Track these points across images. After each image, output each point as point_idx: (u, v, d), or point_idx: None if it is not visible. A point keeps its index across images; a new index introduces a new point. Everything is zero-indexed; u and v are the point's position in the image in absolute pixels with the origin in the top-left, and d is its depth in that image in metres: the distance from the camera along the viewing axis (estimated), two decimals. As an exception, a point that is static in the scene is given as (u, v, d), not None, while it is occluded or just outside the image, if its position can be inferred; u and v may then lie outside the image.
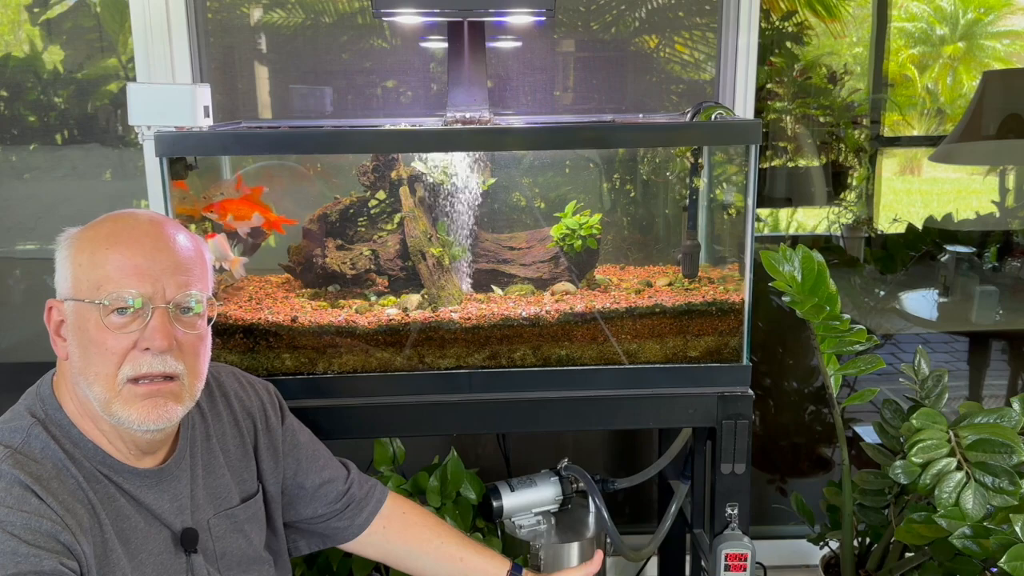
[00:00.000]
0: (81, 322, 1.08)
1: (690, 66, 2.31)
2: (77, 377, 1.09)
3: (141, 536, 1.12)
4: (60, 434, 1.09)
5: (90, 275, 1.08)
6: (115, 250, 1.08)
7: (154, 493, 1.14)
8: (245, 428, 1.31)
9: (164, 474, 1.16)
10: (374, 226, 1.73)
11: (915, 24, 2.75)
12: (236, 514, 1.26)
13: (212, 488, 1.24)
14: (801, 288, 1.65)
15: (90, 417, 1.11)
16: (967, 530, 1.49)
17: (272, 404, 1.37)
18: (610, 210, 1.92)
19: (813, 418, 2.62)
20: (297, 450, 1.38)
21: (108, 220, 1.13)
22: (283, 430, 1.37)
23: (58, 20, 2.22)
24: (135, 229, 1.11)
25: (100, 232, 1.11)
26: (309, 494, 1.38)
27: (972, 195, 2.76)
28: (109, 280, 1.07)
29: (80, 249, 1.10)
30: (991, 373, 2.73)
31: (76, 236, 1.11)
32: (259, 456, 1.33)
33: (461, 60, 1.69)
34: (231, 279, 1.63)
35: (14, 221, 2.27)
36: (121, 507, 1.10)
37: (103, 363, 1.07)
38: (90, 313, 1.07)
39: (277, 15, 2.17)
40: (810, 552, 2.19)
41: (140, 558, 1.11)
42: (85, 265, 1.08)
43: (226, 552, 1.24)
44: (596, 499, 1.76)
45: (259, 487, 1.32)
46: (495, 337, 1.59)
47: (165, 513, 1.15)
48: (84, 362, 1.08)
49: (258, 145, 1.58)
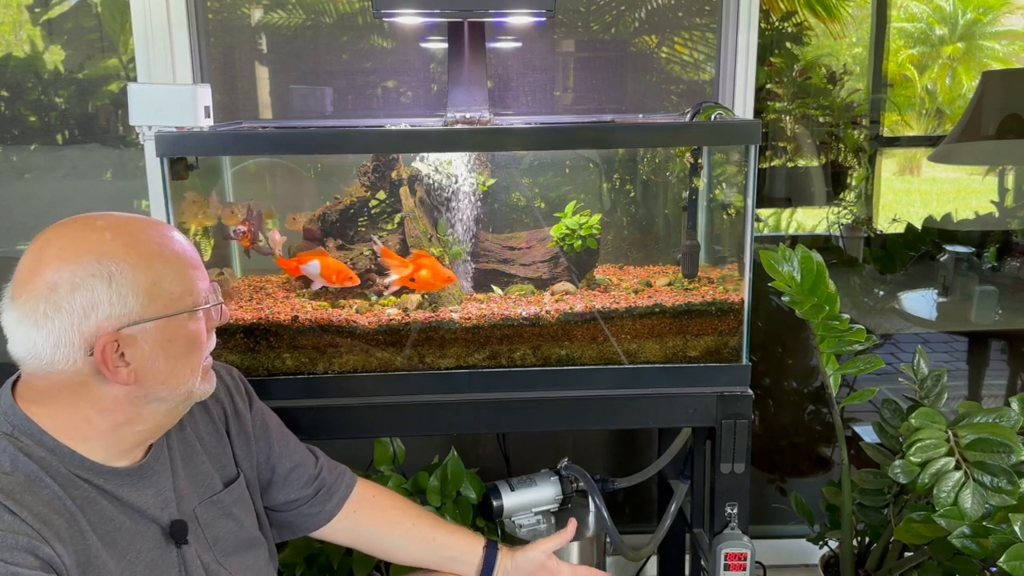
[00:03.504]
0: (170, 335, 1.09)
1: (690, 66, 2.31)
2: (157, 388, 1.10)
3: (128, 536, 1.11)
4: (32, 443, 1.06)
5: (174, 288, 1.09)
6: (174, 259, 1.11)
7: (137, 490, 1.13)
8: (216, 414, 1.31)
9: (145, 470, 1.15)
10: (374, 226, 1.73)
11: (914, 24, 2.75)
12: (222, 499, 1.26)
13: (194, 477, 1.23)
14: (800, 288, 1.65)
15: (82, 427, 1.08)
16: (966, 529, 1.50)
17: (237, 389, 1.37)
18: (610, 210, 1.92)
19: (812, 418, 2.62)
20: (268, 434, 1.38)
21: (138, 234, 1.10)
22: (252, 414, 1.36)
23: (59, 20, 2.22)
24: (166, 236, 1.13)
25: (149, 248, 1.09)
26: (281, 478, 1.38)
27: (971, 195, 2.77)
28: (192, 283, 1.12)
29: (141, 269, 1.06)
30: (990, 373, 2.73)
31: (121, 264, 1.05)
32: (232, 441, 1.32)
33: (461, 60, 1.70)
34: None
35: (14, 221, 2.28)
36: (103, 509, 1.09)
37: (199, 357, 1.15)
38: (182, 321, 1.11)
39: (277, 15, 2.17)
40: (810, 552, 2.19)
41: (129, 557, 1.10)
42: (162, 282, 1.08)
43: (219, 538, 1.23)
44: (596, 499, 1.76)
45: (239, 471, 1.32)
46: (495, 337, 1.59)
47: (150, 508, 1.14)
48: (174, 368, 1.11)
49: (258, 145, 1.59)
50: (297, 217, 1.70)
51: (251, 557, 1.29)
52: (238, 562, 1.26)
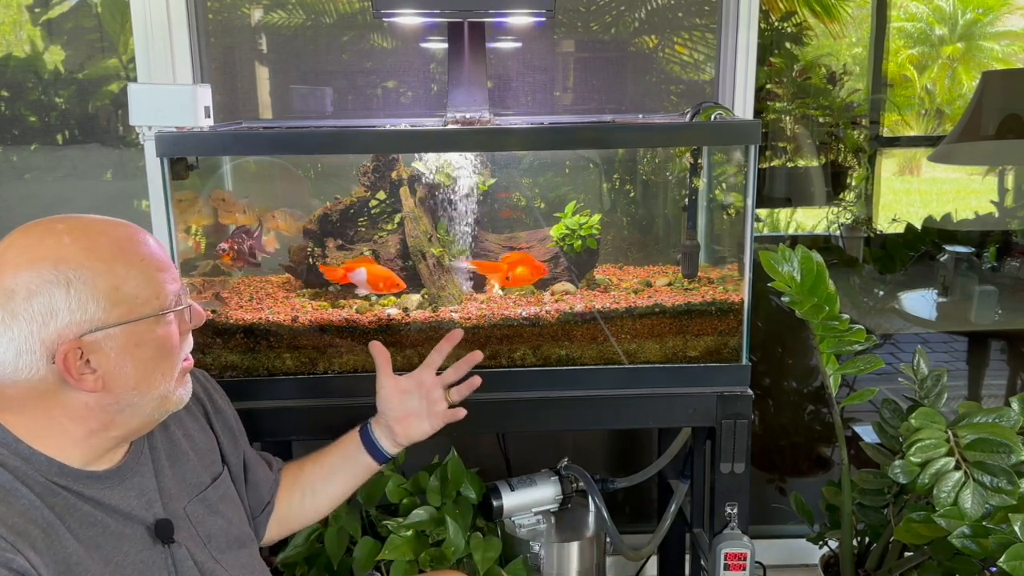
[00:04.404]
0: (137, 340, 1.06)
1: (690, 66, 2.32)
2: (128, 395, 1.07)
3: (114, 539, 1.09)
4: (7, 452, 1.04)
5: (139, 292, 1.06)
6: (139, 263, 1.07)
7: (118, 492, 1.12)
8: (198, 411, 1.31)
9: (124, 471, 1.14)
10: (374, 226, 1.73)
11: (914, 24, 2.75)
12: (208, 496, 1.25)
13: (181, 475, 1.22)
14: (800, 288, 1.65)
15: (57, 433, 1.07)
16: (966, 529, 1.50)
17: (214, 388, 1.37)
18: (610, 210, 1.92)
19: (812, 418, 2.62)
20: (243, 431, 1.39)
21: (97, 237, 1.06)
22: (231, 411, 1.37)
23: (59, 20, 2.22)
24: (130, 237, 1.09)
25: (108, 252, 1.05)
26: (252, 481, 1.39)
27: (971, 195, 2.77)
28: (158, 286, 1.08)
29: (100, 274, 1.03)
30: (990, 373, 2.73)
31: (79, 268, 1.02)
32: (218, 437, 1.32)
33: (461, 60, 1.70)
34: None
35: (14, 221, 2.26)
36: (86, 515, 1.07)
37: (172, 361, 1.11)
38: (149, 326, 1.07)
39: (278, 15, 2.17)
40: (809, 551, 2.19)
41: (116, 560, 1.08)
42: (124, 286, 1.04)
43: (211, 535, 1.23)
44: (596, 499, 1.76)
45: (224, 466, 1.32)
46: (495, 337, 1.59)
47: (134, 510, 1.13)
48: (144, 374, 1.08)
49: (258, 145, 1.59)
50: (275, 215, 1.69)
51: (244, 555, 1.29)
52: (233, 559, 1.25)
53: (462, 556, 1.67)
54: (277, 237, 1.72)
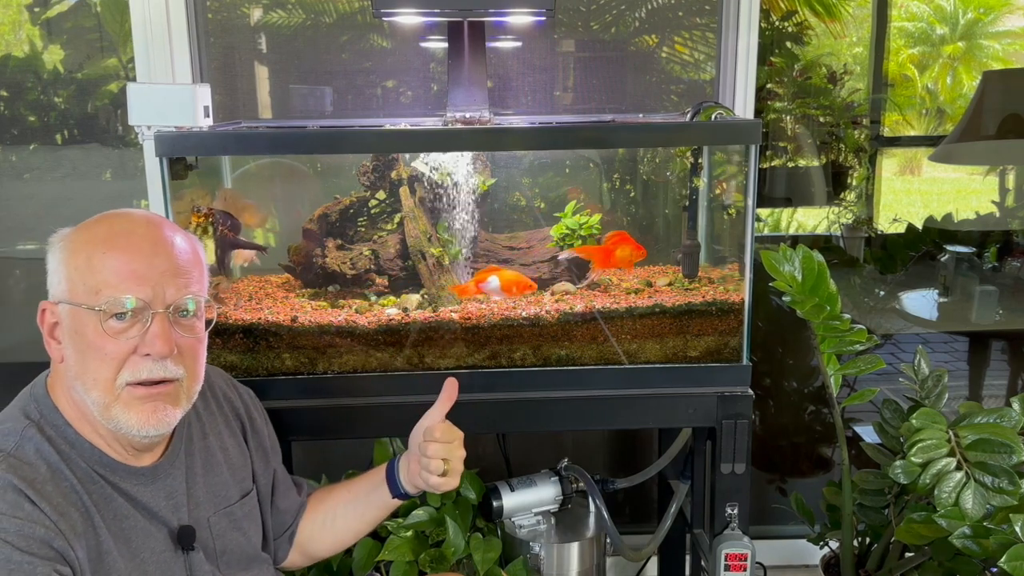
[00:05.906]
0: (78, 326, 1.06)
1: (690, 66, 2.31)
2: (73, 381, 1.08)
3: (142, 535, 1.11)
4: (56, 435, 1.07)
5: (87, 280, 1.05)
6: (112, 254, 1.06)
7: (149, 491, 1.13)
8: (236, 427, 1.32)
9: (158, 471, 1.15)
10: (374, 226, 1.73)
11: (915, 24, 2.75)
12: (234, 511, 1.26)
13: (212, 486, 1.24)
14: (801, 288, 1.65)
15: (87, 419, 1.10)
16: (967, 530, 1.49)
17: (256, 407, 1.38)
18: (610, 210, 1.92)
19: (813, 418, 2.62)
20: (278, 452, 1.40)
21: (103, 221, 1.10)
22: (268, 431, 1.38)
23: (58, 20, 2.22)
24: (132, 232, 1.08)
25: (96, 234, 1.08)
26: (278, 504, 1.40)
27: (972, 195, 2.76)
28: (107, 285, 1.05)
29: (75, 252, 1.07)
30: (991, 373, 2.73)
31: (70, 238, 1.08)
32: (252, 455, 1.33)
33: (461, 60, 1.69)
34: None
35: (14, 221, 2.27)
36: (119, 507, 1.10)
37: (102, 368, 1.06)
38: (88, 318, 1.05)
39: (277, 15, 2.17)
40: (810, 552, 2.19)
41: (142, 556, 1.11)
42: (81, 269, 1.06)
43: (226, 550, 1.24)
44: (596, 499, 1.76)
45: (254, 485, 1.32)
46: (495, 337, 1.59)
47: (161, 510, 1.14)
48: (81, 366, 1.07)
49: (258, 145, 1.58)
50: (246, 207, 1.68)
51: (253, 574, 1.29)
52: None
53: (462, 557, 1.67)
54: (278, 237, 1.71)
